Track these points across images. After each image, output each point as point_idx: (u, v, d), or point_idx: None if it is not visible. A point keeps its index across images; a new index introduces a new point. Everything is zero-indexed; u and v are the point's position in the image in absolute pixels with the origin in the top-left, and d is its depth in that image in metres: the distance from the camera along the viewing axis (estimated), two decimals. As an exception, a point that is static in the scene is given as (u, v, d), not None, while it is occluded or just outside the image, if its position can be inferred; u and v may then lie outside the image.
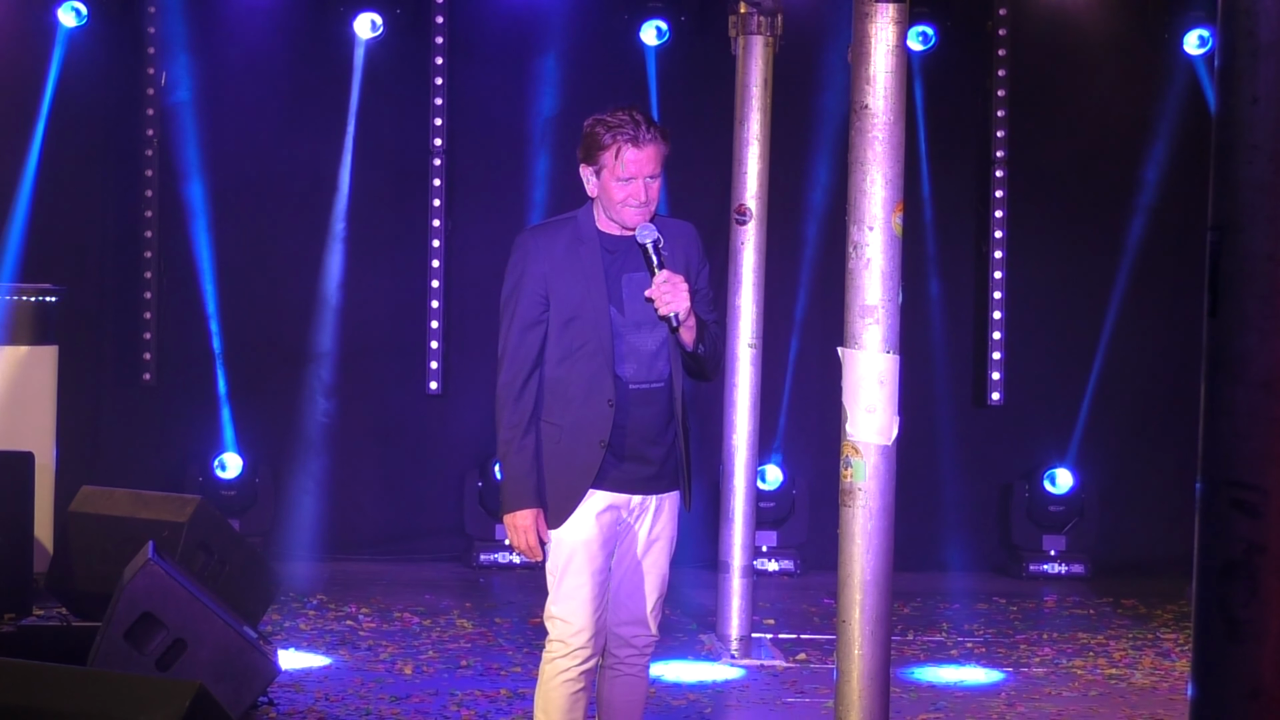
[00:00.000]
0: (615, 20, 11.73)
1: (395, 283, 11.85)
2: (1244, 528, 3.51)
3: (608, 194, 5.73)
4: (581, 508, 5.74)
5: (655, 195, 5.75)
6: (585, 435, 5.71)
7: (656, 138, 5.73)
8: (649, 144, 5.71)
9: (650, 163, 5.71)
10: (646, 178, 5.71)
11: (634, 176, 5.70)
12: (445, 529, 11.83)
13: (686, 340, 5.68)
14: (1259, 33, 3.50)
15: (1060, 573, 11.65)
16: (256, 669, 7.17)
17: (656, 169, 5.73)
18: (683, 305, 5.62)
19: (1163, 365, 11.86)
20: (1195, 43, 11.61)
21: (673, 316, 5.63)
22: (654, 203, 5.75)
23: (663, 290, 5.62)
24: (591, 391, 5.71)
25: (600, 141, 5.71)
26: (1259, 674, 3.50)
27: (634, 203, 5.70)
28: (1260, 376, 3.49)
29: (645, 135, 5.70)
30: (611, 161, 5.71)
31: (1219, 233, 3.54)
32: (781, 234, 11.00)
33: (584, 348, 5.72)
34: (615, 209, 5.73)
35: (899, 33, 5.70)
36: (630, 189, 5.70)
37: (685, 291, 5.63)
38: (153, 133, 11.51)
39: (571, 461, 5.72)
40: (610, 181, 5.72)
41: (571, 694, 5.75)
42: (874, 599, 5.74)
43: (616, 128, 5.70)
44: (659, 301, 5.63)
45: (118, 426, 11.67)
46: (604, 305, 5.71)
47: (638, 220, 5.71)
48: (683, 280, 5.65)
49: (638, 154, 5.69)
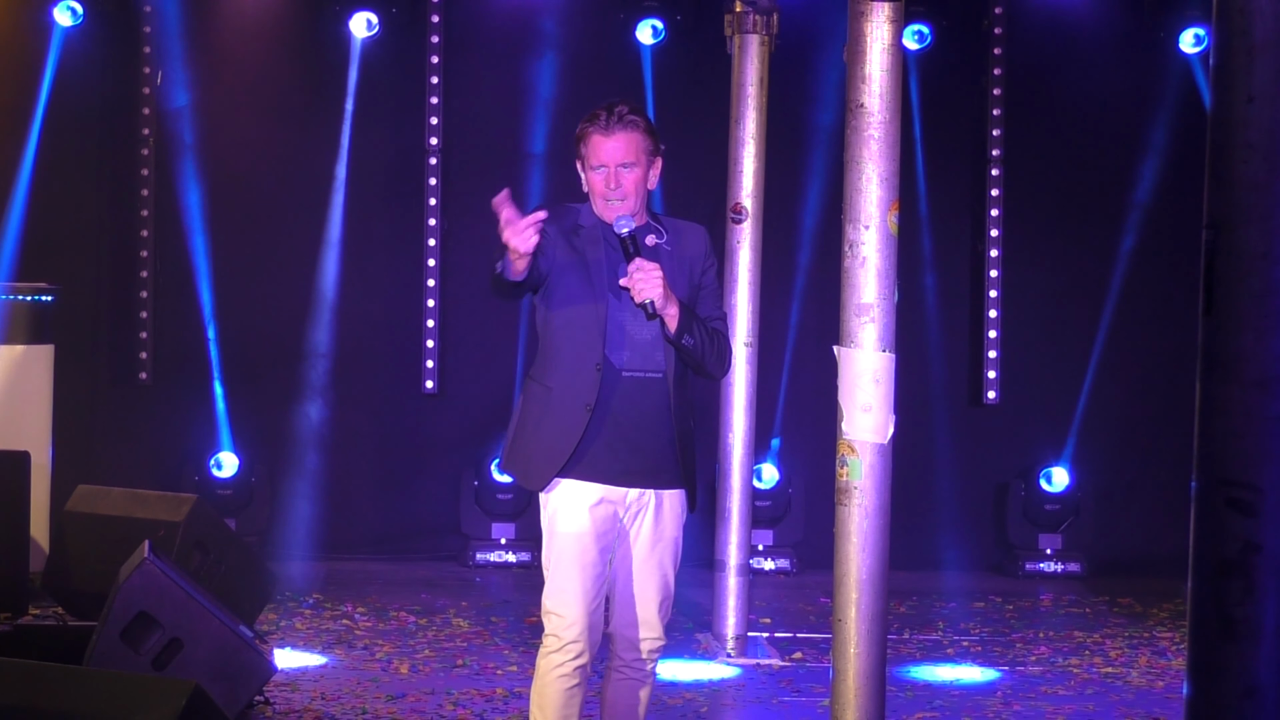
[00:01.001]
0: (611, 19, 11.73)
1: (391, 282, 11.85)
2: (1239, 526, 3.51)
3: (589, 186, 5.78)
4: (575, 501, 5.74)
5: (632, 186, 5.72)
6: (571, 397, 5.72)
7: (630, 126, 5.72)
8: (618, 131, 5.71)
9: (620, 151, 5.71)
10: (618, 166, 5.71)
11: (604, 164, 5.71)
12: (441, 528, 11.83)
13: (669, 328, 5.67)
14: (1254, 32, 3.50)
15: (1056, 571, 11.66)
16: (252, 668, 7.17)
17: (630, 157, 5.72)
18: (656, 292, 5.60)
19: (1159, 364, 11.86)
20: (1191, 41, 11.62)
21: (648, 304, 5.62)
22: (632, 194, 5.72)
23: (635, 278, 5.62)
24: (580, 357, 5.72)
25: (578, 134, 5.79)
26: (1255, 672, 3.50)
27: (607, 193, 5.71)
28: (1255, 375, 3.50)
29: (613, 123, 5.71)
30: (585, 152, 5.76)
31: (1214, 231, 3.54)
32: (777, 233, 10.99)
33: (579, 321, 5.73)
34: (596, 202, 5.75)
35: (894, 32, 5.71)
36: (601, 177, 5.72)
37: (658, 279, 5.61)
38: (148, 132, 11.51)
39: (556, 422, 5.73)
40: (587, 171, 5.77)
41: (567, 689, 5.74)
42: (870, 598, 5.74)
43: (589, 119, 5.76)
44: (633, 289, 5.62)
45: (114, 425, 11.67)
46: (602, 283, 5.72)
47: (612, 214, 5.71)
48: (657, 268, 5.63)
49: (604, 141, 5.71)
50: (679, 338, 5.69)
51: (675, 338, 5.69)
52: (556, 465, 5.74)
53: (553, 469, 5.74)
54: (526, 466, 5.82)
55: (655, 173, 5.82)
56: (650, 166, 5.79)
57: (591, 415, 5.70)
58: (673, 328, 5.68)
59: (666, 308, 5.64)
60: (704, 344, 5.74)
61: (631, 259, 5.64)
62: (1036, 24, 11.82)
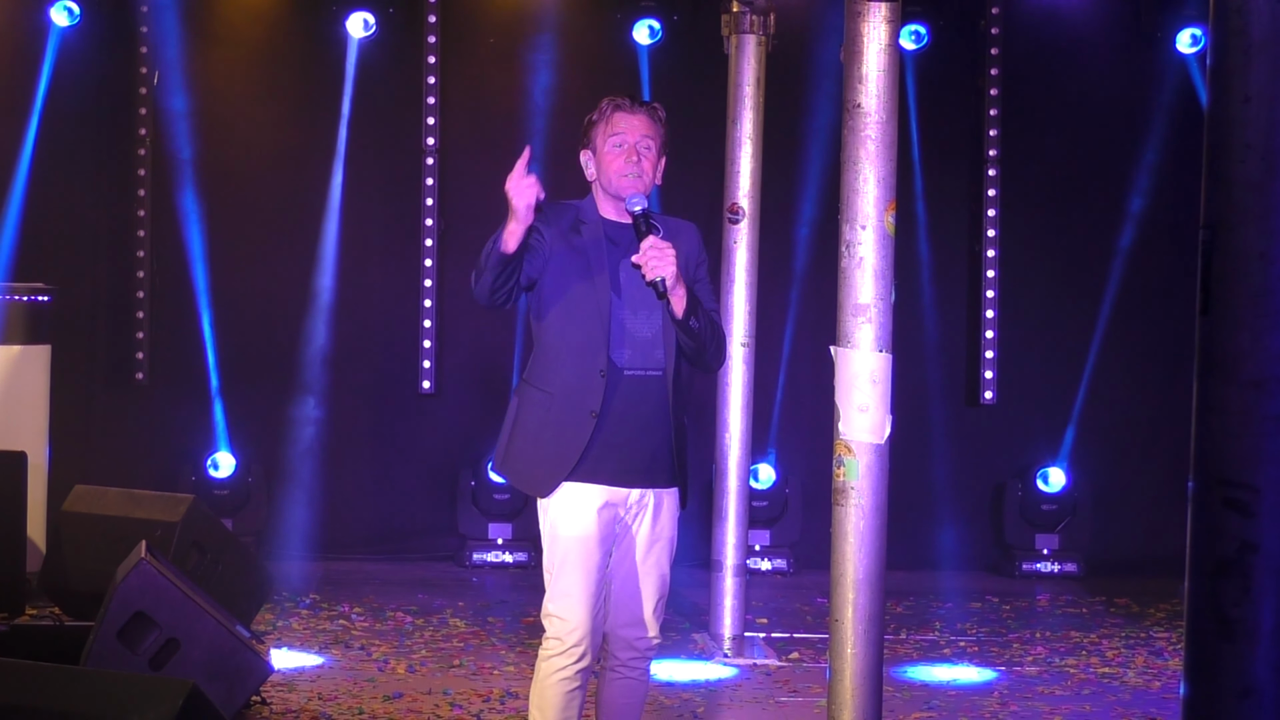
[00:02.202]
0: (608, 19, 11.73)
1: (388, 282, 11.85)
2: (1236, 526, 3.51)
3: (604, 164, 5.77)
4: (579, 504, 5.73)
5: (649, 168, 5.75)
6: (575, 404, 5.70)
7: (653, 112, 5.79)
8: (642, 112, 5.78)
9: (643, 127, 5.75)
10: (639, 141, 5.73)
11: (624, 139, 5.73)
12: (438, 528, 11.83)
13: (676, 309, 5.65)
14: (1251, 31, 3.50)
15: (1053, 571, 11.66)
16: (249, 668, 7.17)
17: (651, 137, 5.75)
18: (669, 270, 5.59)
19: (1156, 364, 11.86)
20: (1188, 41, 11.62)
21: (659, 281, 5.60)
22: (648, 173, 5.74)
23: (649, 255, 5.60)
24: (584, 361, 5.71)
25: (594, 118, 5.81)
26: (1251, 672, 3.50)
27: (626, 167, 5.71)
28: (1252, 375, 3.50)
29: (638, 105, 5.79)
30: (604, 129, 5.77)
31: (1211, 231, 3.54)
32: (774, 233, 10.99)
33: (579, 320, 5.71)
34: (612, 179, 5.74)
35: (891, 32, 5.71)
36: (623, 152, 5.73)
37: (671, 257, 5.60)
38: (145, 132, 11.50)
39: (561, 431, 5.71)
40: (604, 148, 5.77)
41: (567, 692, 5.75)
42: (867, 598, 5.74)
43: (611, 101, 5.81)
44: (645, 266, 5.60)
45: (110, 426, 11.66)
46: (604, 279, 5.71)
47: (631, 189, 5.71)
48: (670, 246, 5.62)
49: (628, 116, 5.76)
50: (686, 319, 5.67)
51: (683, 318, 5.66)
52: (563, 472, 5.72)
53: (559, 476, 5.73)
54: (529, 472, 5.80)
55: (660, 168, 5.84)
56: (660, 157, 5.82)
57: (600, 416, 5.70)
58: (680, 308, 5.66)
59: (676, 287, 5.63)
60: (706, 330, 5.74)
61: (644, 236, 5.64)
62: (1033, 24, 11.83)
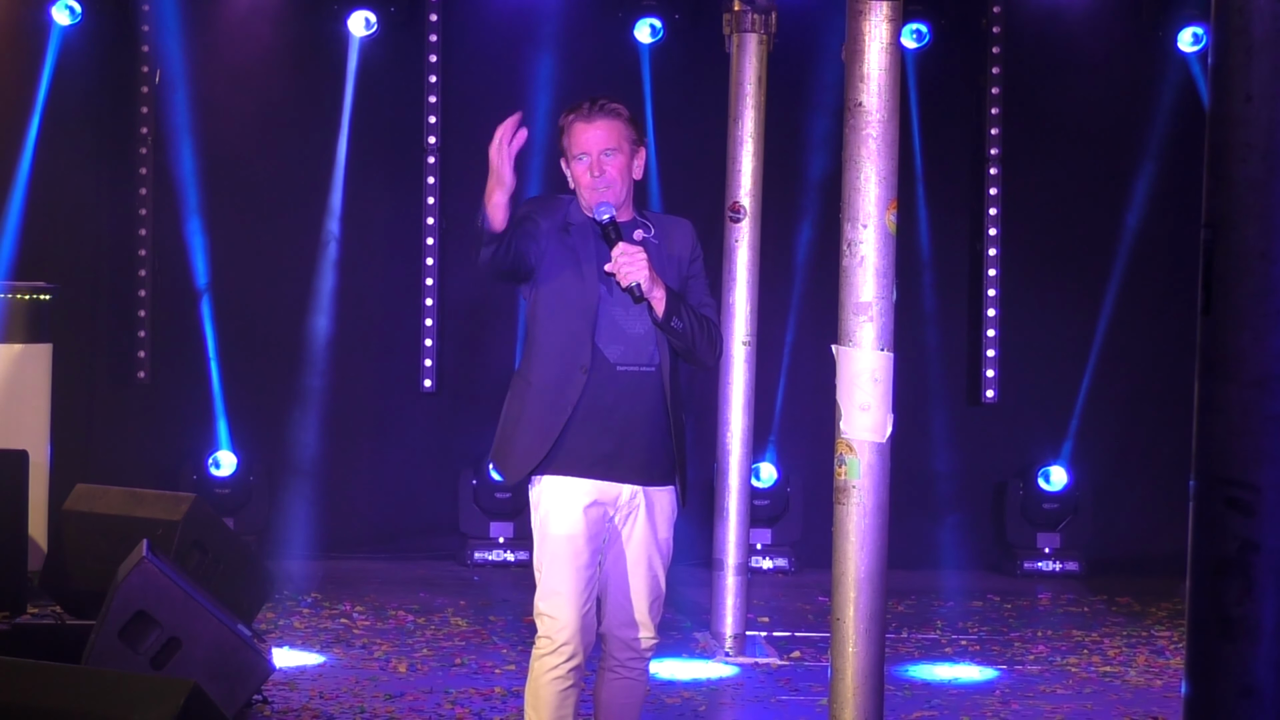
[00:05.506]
0: (609, 18, 11.73)
1: (389, 280, 11.85)
2: (1238, 525, 3.51)
3: (574, 177, 5.78)
4: (567, 502, 5.73)
5: (616, 173, 5.74)
6: (554, 396, 5.72)
7: (611, 114, 5.75)
8: (599, 118, 5.74)
9: (602, 138, 5.72)
10: (601, 153, 5.73)
11: (586, 152, 5.73)
12: (440, 527, 11.83)
13: (656, 311, 5.67)
14: (1252, 30, 3.50)
15: (1055, 570, 11.66)
16: (251, 667, 7.17)
17: (612, 144, 5.73)
18: (642, 275, 5.61)
19: (1157, 363, 11.86)
20: (1189, 40, 11.62)
21: (634, 287, 5.62)
22: (616, 181, 5.73)
23: (620, 262, 5.62)
24: (566, 354, 5.72)
25: (560, 127, 5.81)
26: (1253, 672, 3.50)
27: (593, 181, 5.71)
28: (1254, 374, 3.50)
29: (594, 112, 5.75)
30: (568, 143, 5.78)
31: (1213, 230, 3.54)
32: (776, 232, 11.00)
33: (566, 316, 5.73)
34: (582, 193, 5.76)
35: (893, 30, 5.71)
36: (585, 165, 5.73)
37: (643, 261, 5.61)
38: (147, 131, 11.51)
39: (536, 417, 5.73)
40: (571, 165, 5.78)
41: (560, 690, 5.74)
42: (868, 596, 5.75)
43: (571, 110, 5.80)
44: (619, 274, 5.63)
45: (112, 424, 11.67)
46: (593, 276, 5.73)
47: (594, 200, 5.72)
48: (641, 251, 5.64)
49: (586, 128, 5.73)
50: (667, 320, 5.67)
51: (664, 320, 5.67)
52: (535, 459, 5.73)
53: (530, 462, 5.74)
54: (507, 460, 5.83)
55: (639, 163, 5.82)
56: (634, 155, 5.79)
57: (575, 410, 5.70)
58: (660, 310, 5.66)
59: (652, 290, 5.64)
60: (693, 328, 5.73)
61: (614, 244, 5.65)
62: (1035, 23, 11.82)
